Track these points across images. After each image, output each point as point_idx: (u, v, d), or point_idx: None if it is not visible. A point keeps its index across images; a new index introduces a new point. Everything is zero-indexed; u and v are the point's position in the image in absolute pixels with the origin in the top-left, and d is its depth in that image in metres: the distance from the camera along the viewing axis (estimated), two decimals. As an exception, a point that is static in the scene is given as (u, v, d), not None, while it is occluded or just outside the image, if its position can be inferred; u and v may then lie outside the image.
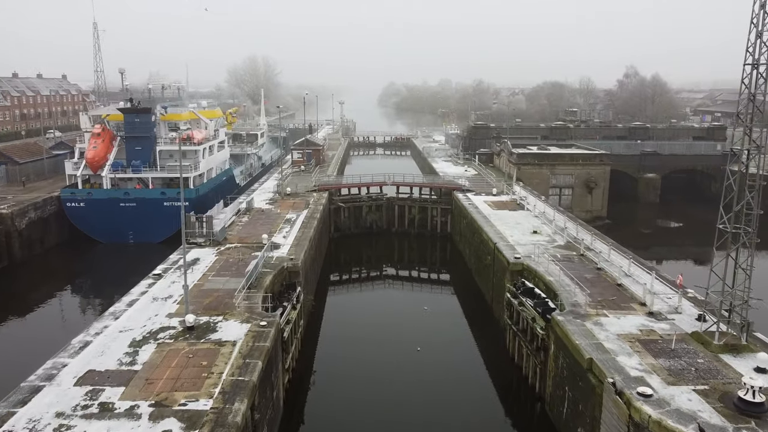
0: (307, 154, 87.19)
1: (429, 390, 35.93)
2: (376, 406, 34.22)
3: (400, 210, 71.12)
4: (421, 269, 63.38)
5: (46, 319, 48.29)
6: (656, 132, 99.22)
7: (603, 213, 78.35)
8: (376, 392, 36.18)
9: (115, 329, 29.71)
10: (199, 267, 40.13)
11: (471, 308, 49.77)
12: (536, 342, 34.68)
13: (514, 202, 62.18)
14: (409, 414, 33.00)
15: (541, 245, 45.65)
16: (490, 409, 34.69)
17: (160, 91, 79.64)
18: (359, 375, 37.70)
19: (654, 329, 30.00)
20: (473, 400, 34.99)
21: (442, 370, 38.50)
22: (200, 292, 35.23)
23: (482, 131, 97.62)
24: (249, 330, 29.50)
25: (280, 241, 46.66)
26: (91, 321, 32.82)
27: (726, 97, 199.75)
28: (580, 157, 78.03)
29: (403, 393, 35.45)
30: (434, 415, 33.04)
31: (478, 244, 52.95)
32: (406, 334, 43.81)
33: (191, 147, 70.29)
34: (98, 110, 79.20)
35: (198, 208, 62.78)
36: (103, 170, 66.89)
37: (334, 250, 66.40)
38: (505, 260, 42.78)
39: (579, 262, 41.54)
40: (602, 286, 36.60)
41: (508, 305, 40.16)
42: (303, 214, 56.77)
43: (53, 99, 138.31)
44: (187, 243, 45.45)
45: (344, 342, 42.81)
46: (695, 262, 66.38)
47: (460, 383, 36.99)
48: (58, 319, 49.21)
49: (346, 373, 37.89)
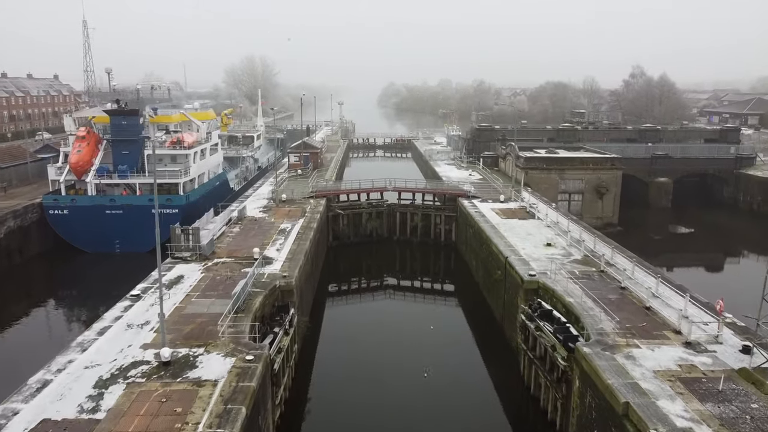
0: (305, 158, 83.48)
1: (437, 420, 32.39)
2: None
3: (401, 217, 67.46)
4: (424, 280, 59.78)
5: (19, 340, 44.61)
6: (666, 134, 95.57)
7: (614, 219, 74.70)
8: (377, 424, 32.63)
9: (81, 365, 26.02)
10: (183, 286, 36.41)
11: (479, 326, 46.11)
12: (556, 373, 31.04)
13: (524, 210, 58.50)
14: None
15: (556, 259, 42.02)
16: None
17: (149, 92, 75.75)
18: (360, 404, 34.08)
19: (695, 364, 26.35)
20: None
21: (452, 399, 34.87)
22: (181, 317, 31.54)
23: (486, 133, 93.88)
24: (233, 366, 25.83)
25: (273, 255, 42.98)
26: (73, 338, 29.38)
27: (732, 98, 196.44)
28: (590, 161, 74.37)
29: (408, 424, 31.91)
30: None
31: (487, 256, 49.30)
32: (411, 357, 40.16)
33: (181, 151, 66.61)
34: (83, 112, 75.50)
35: (189, 216, 59.31)
36: (87, 175, 63.23)
37: (333, 260, 62.77)
38: (518, 277, 39.12)
39: (600, 279, 37.88)
40: (629, 309, 32.94)
41: (523, 328, 36.53)
42: (299, 223, 53.09)
43: (44, 100, 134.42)
44: (172, 258, 41.99)
45: (343, 366, 39.10)
46: (719, 272, 63.19)
47: (471, 414, 33.34)
48: (33, 340, 45.38)
49: (345, 402, 34.24)
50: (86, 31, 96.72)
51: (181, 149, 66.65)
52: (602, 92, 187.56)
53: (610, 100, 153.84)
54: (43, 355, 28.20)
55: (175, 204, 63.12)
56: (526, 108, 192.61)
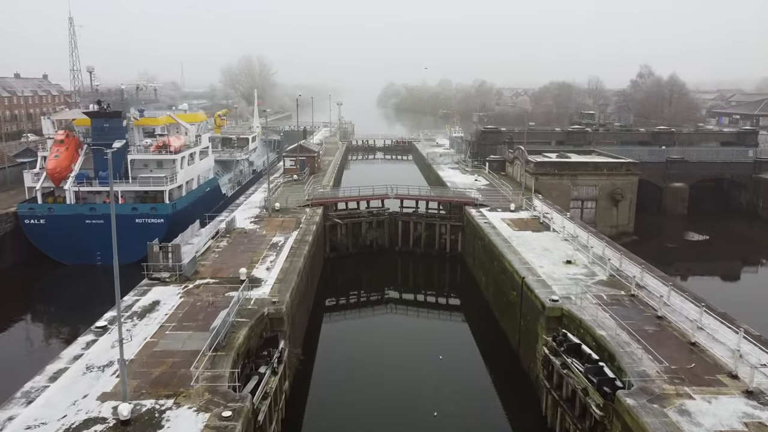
0: (301, 162, 78.98)
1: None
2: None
3: (404, 226, 62.97)
4: (428, 293, 55.46)
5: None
6: (681, 137, 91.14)
7: (629, 228, 70.28)
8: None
9: (22, 425, 21.53)
10: (157, 315, 31.90)
11: (492, 352, 41.57)
12: (589, 421, 26.61)
13: (537, 221, 54.02)
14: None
15: (579, 280, 37.59)
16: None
17: (135, 93, 71.17)
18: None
19: (763, 421, 21.92)
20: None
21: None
22: (151, 356, 27.05)
23: (492, 136, 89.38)
24: (206, 426, 21.36)
25: (263, 275, 38.47)
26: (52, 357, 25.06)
27: (740, 98, 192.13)
28: (604, 166, 69.88)
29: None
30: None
31: (499, 273, 44.83)
32: (417, 391, 35.63)
33: (167, 156, 62.05)
34: (63, 114, 70.93)
35: (175, 226, 54.82)
36: (66, 182, 58.70)
37: (330, 274, 58.30)
38: (538, 303, 34.66)
39: (632, 306, 33.41)
40: (671, 345, 28.48)
41: (546, 362, 32.08)
42: (293, 236, 48.58)
43: (32, 100, 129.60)
44: (149, 278, 37.54)
45: (340, 403, 34.51)
46: (744, 284, 58.94)
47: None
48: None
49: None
50: (73, 28, 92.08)
51: (167, 154, 62.08)
52: (606, 92, 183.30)
53: (617, 101, 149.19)
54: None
55: (160, 213, 58.66)
56: (530, 108, 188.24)
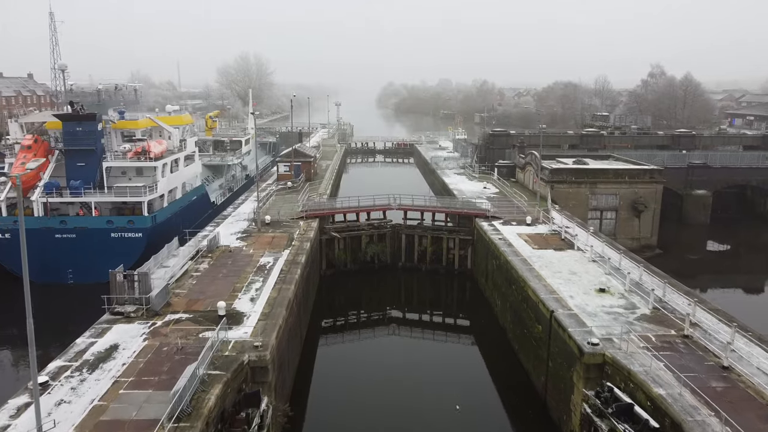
0: (296, 168, 73.32)
1: None
2: None
3: (408, 240, 57.33)
4: (435, 315, 49.97)
5: None
6: (702, 140, 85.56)
7: (653, 241, 64.67)
8: None
9: None
10: (113, 365, 26.15)
11: (512, 394, 35.83)
12: None
13: (558, 237, 48.29)
14: None
15: (618, 315, 31.96)
16: None
17: (113, 93, 65.30)
18: None
19: None
20: None
21: None
22: (96, 428, 21.32)
23: (501, 139, 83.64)
24: None
25: (245, 308, 32.74)
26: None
27: (750, 99, 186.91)
28: (625, 173, 64.22)
29: None
30: None
31: (519, 301, 39.14)
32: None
33: (146, 163, 56.25)
34: (32, 116, 65.17)
35: (156, 241, 49.15)
36: (33, 193, 52.95)
37: (325, 293, 52.60)
38: (573, 345, 28.95)
39: (688, 351, 27.72)
40: (749, 407, 22.82)
41: (587, 422, 26.39)
42: (283, 256, 42.85)
43: (15, 101, 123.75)
44: (111, 313, 31.82)
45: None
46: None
47: None
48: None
49: None
50: (53, 24, 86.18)
51: (146, 161, 56.29)
52: (613, 93, 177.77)
53: (627, 101, 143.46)
54: None
55: (138, 227, 52.97)
56: (533, 109, 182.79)
